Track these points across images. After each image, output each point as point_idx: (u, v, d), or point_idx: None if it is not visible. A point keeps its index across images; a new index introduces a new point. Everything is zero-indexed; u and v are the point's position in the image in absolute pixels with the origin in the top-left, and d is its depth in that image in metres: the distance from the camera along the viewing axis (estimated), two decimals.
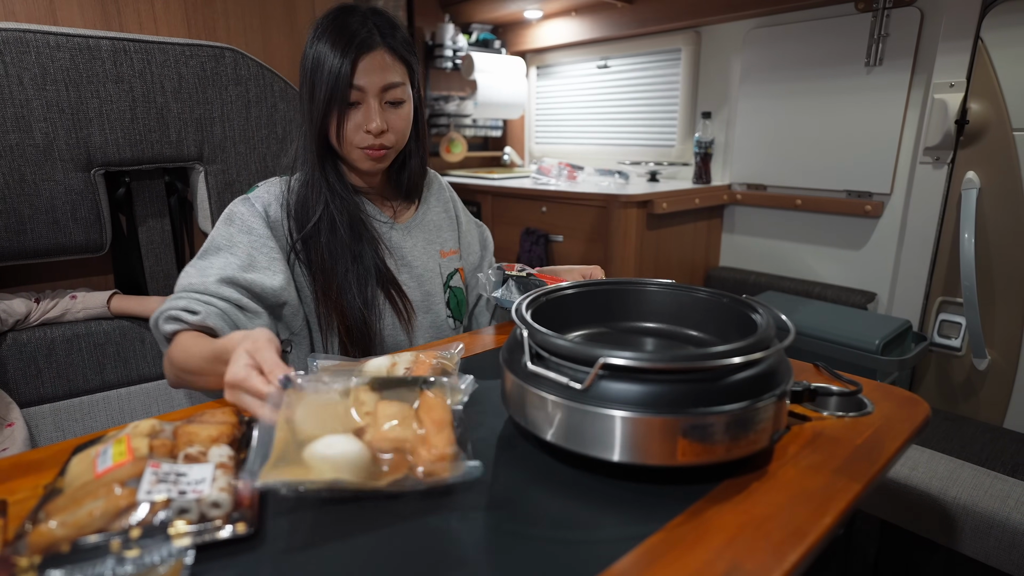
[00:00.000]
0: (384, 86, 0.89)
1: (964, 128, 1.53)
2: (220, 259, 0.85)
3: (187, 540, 0.44)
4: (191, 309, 0.78)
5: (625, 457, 0.53)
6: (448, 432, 0.53)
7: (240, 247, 0.87)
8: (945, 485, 1.09)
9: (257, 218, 0.90)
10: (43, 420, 1.09)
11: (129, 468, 0.48)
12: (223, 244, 0.87)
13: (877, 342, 1.43)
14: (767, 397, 0.54)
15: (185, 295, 0.80)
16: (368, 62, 0.86)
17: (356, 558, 0.45)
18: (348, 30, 0.86)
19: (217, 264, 0.84)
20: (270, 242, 0.89)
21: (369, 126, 0.88)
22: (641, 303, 0.76)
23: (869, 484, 0.54)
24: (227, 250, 0.86)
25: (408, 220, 1.04)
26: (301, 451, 0.50)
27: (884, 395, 0.72)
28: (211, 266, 0.84)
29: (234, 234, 0.88)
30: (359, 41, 0.85)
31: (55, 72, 1.01)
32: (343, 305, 0.92)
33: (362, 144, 0.90)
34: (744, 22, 1.97)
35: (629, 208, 1.81)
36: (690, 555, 0.45)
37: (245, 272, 0.85)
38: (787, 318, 0.65)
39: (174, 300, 0.80)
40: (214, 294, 0.81)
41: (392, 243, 1.00)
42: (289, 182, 0.95)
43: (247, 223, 0.89)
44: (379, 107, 0.89)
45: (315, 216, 0.91)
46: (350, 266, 0.93)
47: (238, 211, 0.90)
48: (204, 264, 0.85)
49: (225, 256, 0.85)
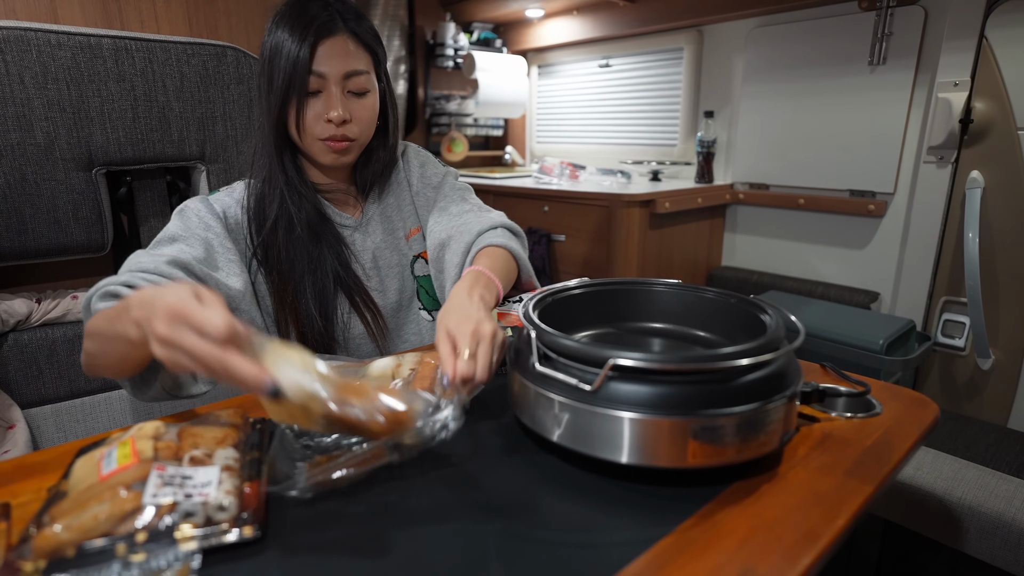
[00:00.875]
0: (346, 73, 0.83)
1: (968, 127, 1.52)
2: (174, 248, 0.78)
3: (193, 544, 0.44)
4: (131, 284, 0.68)
5: (634, 459, 0.52)
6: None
7: (196, 240, 0.80)
8: (950, 485, 1.08)
9: (214, 218, 0.84)
10: (45, 421, 1.08)
11: (134, 471, 0.47)
12: (178, 235, 0.79)
13: (881, 342, 1.42)
14: (778, 398, 0.53)
15: (128, 273, 0.71)
16: (329, 47, 0.81)
17: (363, 562, 0.45)
18: (307, 14, 0.81)
19: (170, 251, 0.76)
20: (227, 242, 0.83)
21: (330, 114, 0.82)
22: (648, 303, 0.76)
23: (880, 486, 0.54)
24: (182, 240, 0.79)
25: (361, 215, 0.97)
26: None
27: (892, 396, 0.72)
28: (162, 253, 0.76)
29: (190, 227, 0.81)
30: (319, 25, 0.80)
31: (56, 71, 1.01)
32: (298, 312, 0.87)
33: (323, 135, 0.84)
34: (746, 21, 1.96)
35: (631, 207, 1.80)
36: (702, 558, 0.45)
37: (201, 265, 0.77)
38: (795, 319, 0.64)
39: (115, 277, 0.70)
40: (164, 274, 0.71)
41: (357, 247, 0.94)
42: (249, 182, 0.90)
43: (204, 220, 0.83)
44: (341, 95, 0.83)
45: (272, 214, 0.86)
46: (307, 270, 0.87)
47: (193, 207, 0.84)
48: (155, 252, 0.76)
49: (180, 245, 0.78)
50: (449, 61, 2.59)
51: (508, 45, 2.74)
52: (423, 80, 2.63)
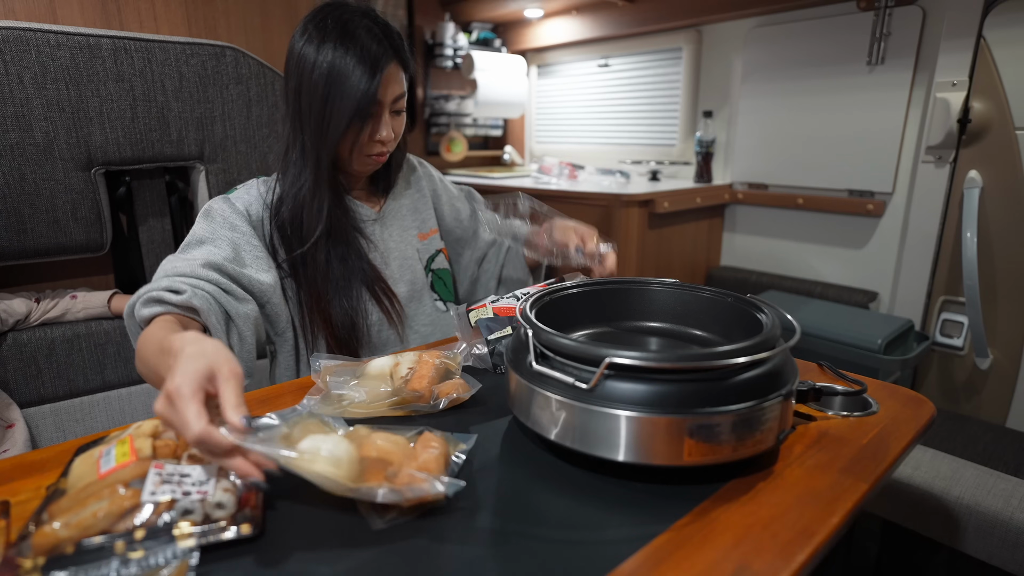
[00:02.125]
0: (396, 97, 0.90)
1: (966, 127, 1.53)
2: (203, 250, 0.81)
3: (191, 541, 0.44)
4: (174, 288, 0.71)
5: (631, 457, 0.52)
6: (437, 456, 0.52)
7: (224, 240, 0.83)
8: (948, 485, 1.08)
9: (238, 216, 0.87)
10: (44, 420, 1.08)
11: (133, 469, 0.48)
12: (206, 237, 0.83)
13: (879, 341, 1.43)
14: (773, 397, 0.54)
15: (167, 278, 0.74)
16: (386, 76, 0.86)
17: (361, 559, 0.45)
18: (368, 46, 0.83)
19: (200, 253, 0.80)
20: (254, 239, 0.87)
21: (382, 135, 0.89)
22: (645, 302, 0.76)
23: (876, 484, 0.54)
24: (210, 243, 0.82)
25: (381, 210, 1.02)
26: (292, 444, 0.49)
27: (889, 395, 0.72)
28: (194, 256, 0.79)
29: (216, 228, 0.84)
30: (381, 58, 0.84)
31: (55, 71, 1.01)
32: (330, 308, 0.91)
33: (371, 151, 0.91)
34: (745, 21, 1.96)
35: (630, 207, 1.80)
36: (698, 555, 0.45)
37: (232, 264, 0.81)
38: (791, 318, 0.65)
39: (154, 283, 0.73)
40: (202, 277, 0.76)
41: (375, 237, 0.99)
42: (272, 185, 0.93)
43: (229, 219, 0.86)
44: (389, 116, 0.90)
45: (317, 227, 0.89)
46: (337, 267, 0.91)
47: (218, 207, 0.87)
48: (186, 255, 0.80)
49: (208, 247, 0.82)
50: (448, 61, 2.59)
51: (507, 45, 2.74)
52: (422, 80, 2.63)
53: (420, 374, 0.68)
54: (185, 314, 0.72)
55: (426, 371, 0.68)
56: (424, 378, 0.67)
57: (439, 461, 0.51)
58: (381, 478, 0.49)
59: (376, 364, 0.71)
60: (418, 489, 0.47)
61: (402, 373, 0.69)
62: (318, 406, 0.65)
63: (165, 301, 0.70)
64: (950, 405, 1.67)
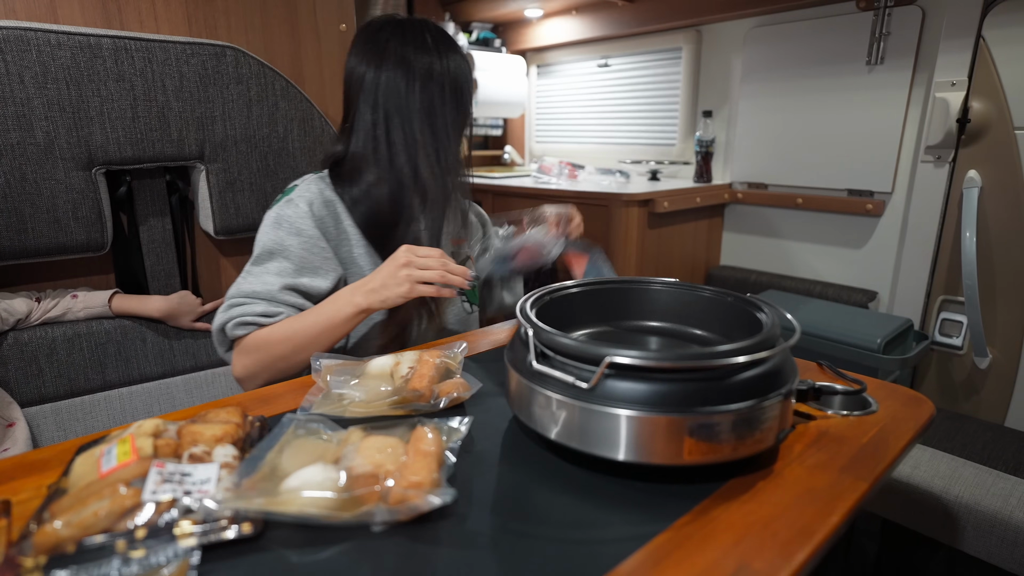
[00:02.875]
0: None
1: (965, 127, 1.53)
2: (275, 264, 0.87)
3: (193, 540, 0.44)
4: (269, 313, 0.82)
5: (631, 456, 0.52)
6: (429, 462, 0.50)
7: (292, 250, 0.88)
8: (947, 484, 1.08)
9: (306, 219, 0.90)
10: (44, 420, 1.09)
11: (134, 468, 0.48)
12: (275, 249, 0.88)
13: (879, 341, 1.43)
14: (773, 396, 0.54)
15: (252, 301, 0.83)
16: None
17: (362, 558, 0.45)
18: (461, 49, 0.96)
19: (273, 270, 0.86)
20: (320, 242, 0.90)
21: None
22: (645, 302, 0.76)
23: (876, 483, 0.54)
24: (280, 255, 0.88)
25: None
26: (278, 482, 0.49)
27: (888, 394, 0.72)
28: (267, 272, 0.86)
29: (284, 237, 0.89)
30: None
31: (56, 70, 1.01)
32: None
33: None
34: (745, 21, 1.96)
35: (630, 207, 1.80)
36: (698, 554, 0.45)
37: (299, 276, 0.87)
38: (791, 317, 0.65)
39: (246, 307, 0.83)
40: (281, 301, 0.84)
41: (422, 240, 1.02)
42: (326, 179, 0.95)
43: (295, 225, 0.89)
44: None
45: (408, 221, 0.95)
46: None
47: (285, 214, 0.90)
48: (260, 270, 0.86)
49: (279, 261, 0.87)
50: None
51: (507, 45, 2.74)
52: None
53: (420, 373, 0.68)
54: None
55: (426, 370, 0.68)
56: (424, 377, 0.67)
57: (433, 465, 0.50)
58: (375, 499, 0.48)
59: (376, 363, 0.71)
60: (412, 507, 0.47)
61: (402, 372, 0.69)
62: (317, 406, 0.66)
63: (262, 325, 0.83)
64: (949, 404, 1.67)
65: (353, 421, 0.62)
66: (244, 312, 0.82)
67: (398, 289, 0.77)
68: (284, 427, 0.57)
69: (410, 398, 0.66)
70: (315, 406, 0.65)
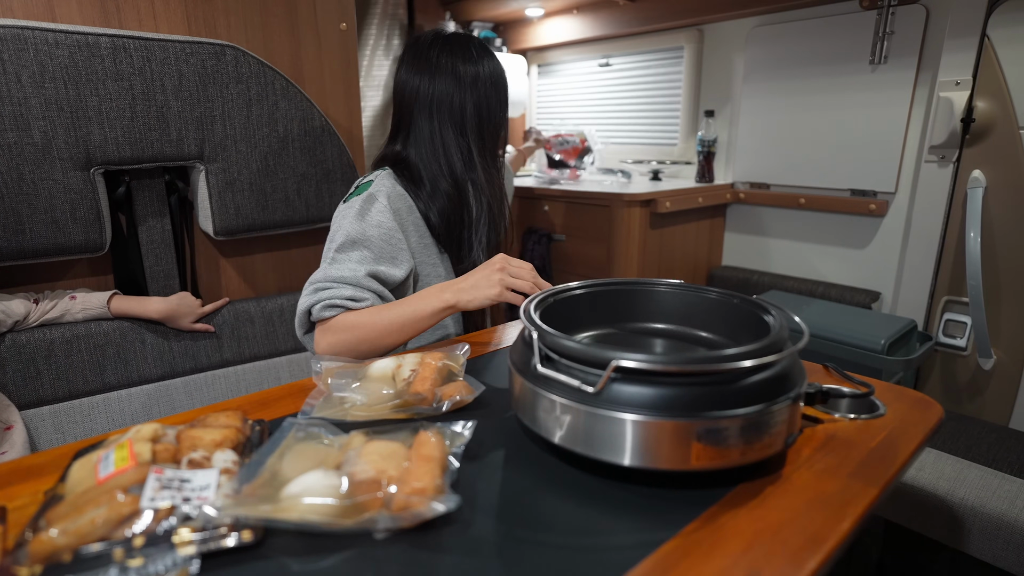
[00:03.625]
0: None
1: (970, 126, 1.52)
2: (357, 253, 0.91)
3: (192, 548, 0.43)
4: (356, 298, 0.86)
5: (637, 461, 0.52)
6: (432, 467, 0.50)
7: (373, 240, 0.92)
8: (952, 486, 1.08)
9: (385, 212, 0.95)
10: (42, 422, 1.08)
11: (132, 474, 0.47)
12: (358, 238, 0.92)
13: (883, 342, 1.42)
14: (782, 400, 0.53)
15: (339, 285, 0.87)
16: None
17: (364, 566, 0.44)
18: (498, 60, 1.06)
19: (355, 258, 0.90)
20: (397, 234, 0.95)
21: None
22: (650, 304, 0.75)
23: (886, 488, 0.53)
24: (362, 244, 0.91)
25: None
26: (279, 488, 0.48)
27: (896, 396, 0.71)
28: (350, 259, 0.90)
29: (366, 228, 0.93)
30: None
31: (54, 70, 1.00)
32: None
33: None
34: (747, 20, 1.95)
35: (632, 207, 1.80)
36: (707, 562, 0.44)
37: (378, 264, 0.91)
38: (799, 319, 0.64)
39: (333, 290, 0.86)
40: (365, 287, 0.88)
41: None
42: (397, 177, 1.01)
43: (376, 217, 0.94)
44: None
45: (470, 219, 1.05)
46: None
47: (367, 207, 0.95)
48: (344, 258, 0.90)
49: (361, 250, 0.91)
50: None
51: (508, 44, 2.73)
52: None
53: (423, 376, 0.67)
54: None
55: (429, 373, 0.67)
56: (427, 380, 0.66)
57: (436, 470, 0.49)
58: (377, 505, 0.47)
59: (378, 366, 0.70)
60: (415, 513, 0.46)
61: (404, 375, 0.68)
62: (318, 409, 0.65)
63: (348, 308, 0.86)
64: (953, 406, 1.66)
65: (355, 424, 0.61)
66: (332, 295, 0.85)
67: (489, 291, 0.80)
68: (285, 431, 0.56)
69: (412, 401, 0.65)
70: (316, 409, 0.65)
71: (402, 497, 0.46)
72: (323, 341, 0.86)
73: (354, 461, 0.50)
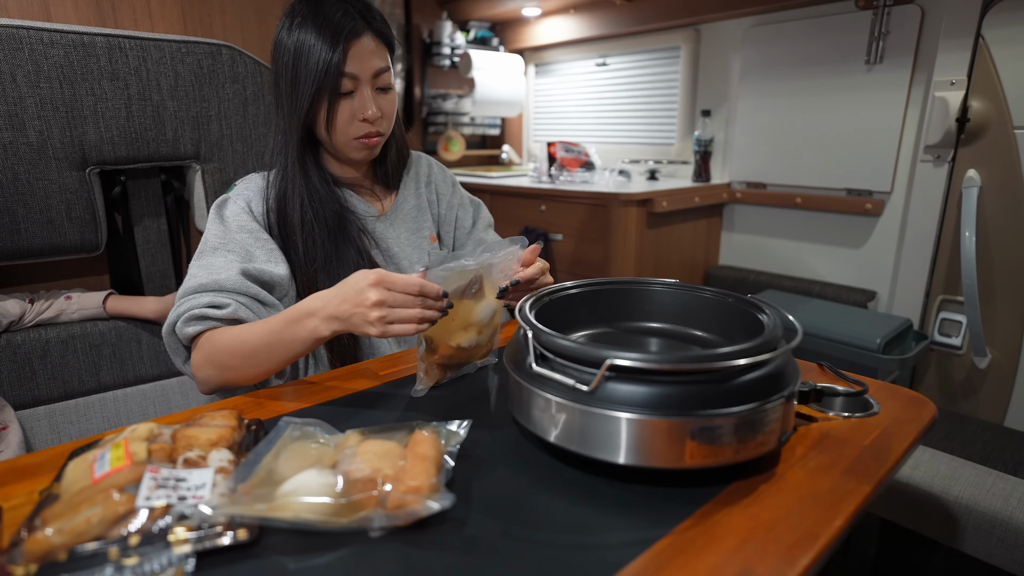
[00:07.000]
0: (376, 71, 0.87)
1: (965, 126, 1.52)
2: (219, 257, 0.82)
3: (187, 547, 0.43)
4: (216, 304, 0.75)
5: (632, 459, 0.52)
6: (428, 466, 0.49)
7: (236, 243, 0.84)
8: (947, 484, 1.08)
9: (245, 214, 0.87)
10: (38, 423, 1.07)
11: (127, 473, 0.47)
12: (219, 244, 0.84)
13: (878, 341, 1.42)
14: (776, 398, 0.53)
15: (200, 295, 0.77)
16: (358, 48, 0.84)
17: (360, 565, 0.44)
18: (331, 18, 0.83)
19: (219, 262, 0.81)
20: (263, 235, 0.87)
21: (366, 113, 0.86)
22: (645, 303, 0.76)
23: (879, 486, 0.54)
24: (224, 248, 0.83)
25: (390, 210, 1.02)
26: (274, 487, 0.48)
27: (890, 395, 0.72)
28: (214, 264, 0.81)
29: (227, 231, 0.85)
30: (348, 29, 0.83)
31: (49, 69, 1.00)
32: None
33: (358, 133, 0.88)
34: (743, 20, 1.96)
35: (629, 206, 1.80)
36: (700, 559, 0.44)
37: (251, 263, 0.83)
38: (793, 318, 0.64)
39: (191, 300, 0.76)
40: (231, 289, 0.78)
41: (377, 235, 0.97)
42: (268, 177, 0.92)
43: (238, 220, 0.86)
44: (372, 93, 0.87)
45: (296, 216, 0.88)
46: (328, 264, 0.90)
47: (226, 211, 0.87)
48: (206, 263, 0.81)
49: (223, 254, 0.82)
50: (446, 60, 2.58)
51: (505, 44, 2.73)
52: (419, 79, 2.62)
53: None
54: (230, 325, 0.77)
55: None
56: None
57: (431, 469, 0.49)
58: (373, 504, 0.47)
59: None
60: (410, 512, 0.46)
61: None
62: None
63: (210, 318, 0.75)
64: (948, 404, 1.67)
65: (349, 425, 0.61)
66: (191, 306, 0.75)
67: (369, 329, 0.66)
68: (280, 431, 0.56)
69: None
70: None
71: (397, 496, 0.47)
72: (199, 372, 0.76)
73: (349, 460, 0.50)
